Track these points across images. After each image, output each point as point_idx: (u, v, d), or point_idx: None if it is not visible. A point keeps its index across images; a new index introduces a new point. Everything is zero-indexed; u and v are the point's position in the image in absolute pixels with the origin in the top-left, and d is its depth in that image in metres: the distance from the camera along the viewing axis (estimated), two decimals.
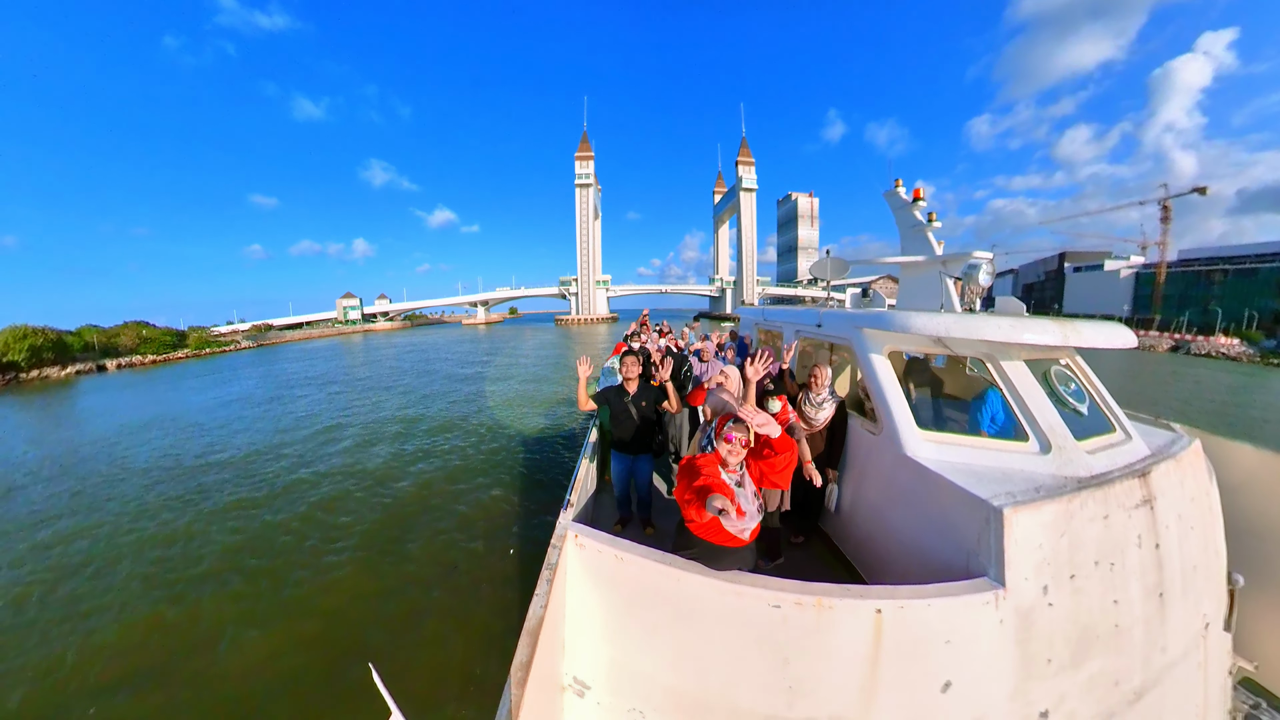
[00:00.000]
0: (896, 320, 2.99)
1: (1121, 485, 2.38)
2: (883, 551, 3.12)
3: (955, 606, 1.98)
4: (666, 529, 4.02)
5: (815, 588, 1.98)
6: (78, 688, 5.01)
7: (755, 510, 2.31)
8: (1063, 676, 2.11)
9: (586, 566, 2.14)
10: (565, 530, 2.17)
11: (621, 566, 2.08)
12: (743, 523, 2.20)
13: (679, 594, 2.02)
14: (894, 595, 1.96)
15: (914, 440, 2.86)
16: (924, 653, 1.95)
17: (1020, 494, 2.27)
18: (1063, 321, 2.68)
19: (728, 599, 1.98)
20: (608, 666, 2.10)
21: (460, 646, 5.41)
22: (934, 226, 5.27)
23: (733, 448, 2.35)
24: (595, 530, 2.23)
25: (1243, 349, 40.25)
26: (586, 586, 2.15)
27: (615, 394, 4.07)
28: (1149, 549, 2.38)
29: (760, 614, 1.94)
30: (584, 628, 2.13)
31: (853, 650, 1.92)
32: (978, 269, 3.61)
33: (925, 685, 1.95)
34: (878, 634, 1.90)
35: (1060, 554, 2.15)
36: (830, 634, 1.92)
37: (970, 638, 1.99)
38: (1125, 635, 2.27)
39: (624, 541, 2.19)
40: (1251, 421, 17.17)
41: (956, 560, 2.34)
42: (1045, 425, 2.67)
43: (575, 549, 2.14)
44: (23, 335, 36.56)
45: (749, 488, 2.37)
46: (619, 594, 2.12)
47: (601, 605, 2.13)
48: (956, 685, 1.95)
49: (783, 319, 5.67)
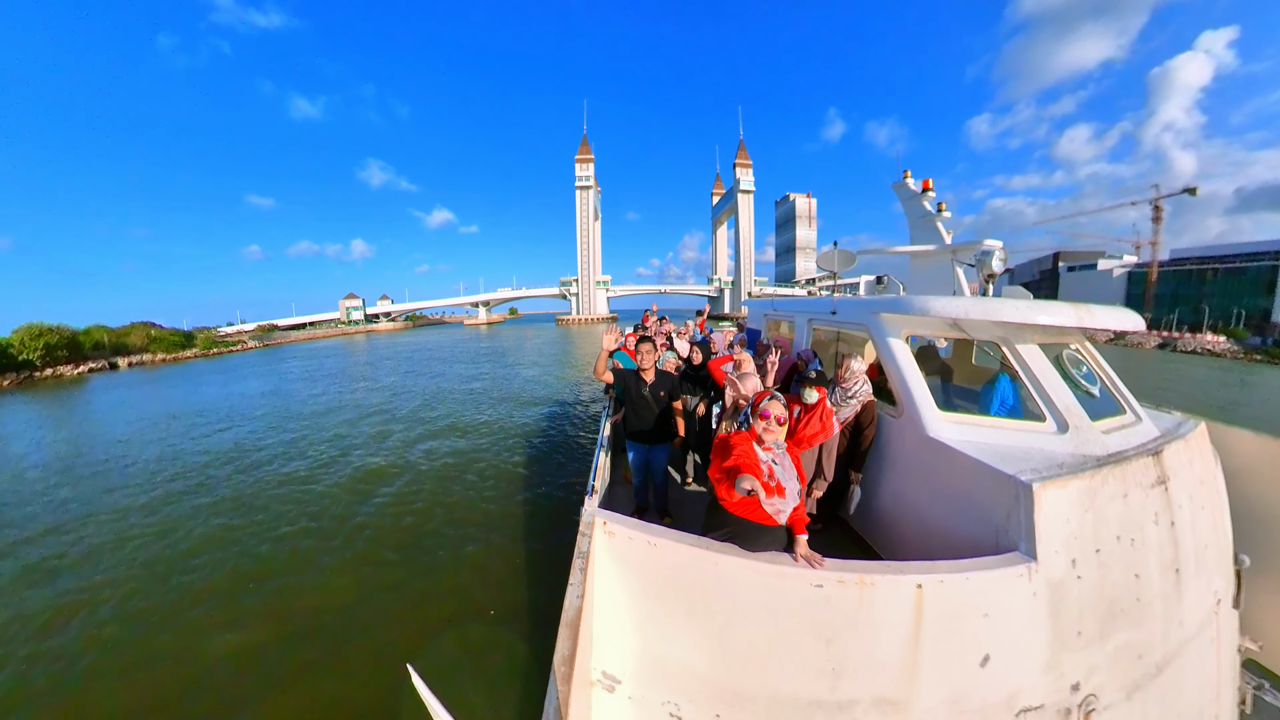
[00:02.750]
0: (915, 304, 3.03)
1: (1138, 464, 2.43)
2: (905, 532, 3.12)
3: (991, 580, 1.99)
4: (682, 518, 4.15)
5: (856, 565, 1.98)
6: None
7: (795, 491, 2.23)
8: (1092, 649, 2.12)
9: (616, 554, 2.08)
10: (593, 517, 2.10)
11: (654, 552, 2.03)
12: (780, 502, 2.13)
13: (716, 578, 1.98)
14: (933, 570, 1.96)
15: (936, 421, 2.88)
16: (963, 626, 1.95)
17: (1044, 470, 2.31)
18: (1076, 304, 2.73)
19: (768, 580, 1.95)
20: (638, 658, 2.03)
21: (477, 638, 5.37)
22: (943, 216, 5.29)
23: (769, 424, 2.31)
24: (624, 516, 2.17)
25: (1227, 345, 41.16)
26: (615, 575, 2.08)
27: (634, 380, 4.02)
28: (1165, 526, 2.43)
29: (802, 595, 1.92)
30: (613, 618, 2.06)
31: (895, 627, 1.91)
32: (990, 255, 3.65)
33: (965, 659, 1.94)
34: (919, 609, 1.90)
35: (1086, 529, 2.18)
36: (872, 612, 1.91)
37: (1006, 610, 2.00)
38: (1147, 609, 2.30)
39: (655, 527, 2.15)
40: (1214, 407, 18.08)
41: (984, 537, 2.36)
42: (1062, 405, 2.71)
43: (604, 536, 2.08)
44: (38, 334, 37.41)
45: (789, 468, 2.30)
46: (651, 581, 2.06)
47: (632, 594, 2.07)
48: (995, 658, 1.95)
49: (794, 308, 5.62)
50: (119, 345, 46.54)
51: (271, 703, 4.59)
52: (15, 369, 35.22)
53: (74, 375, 37.17)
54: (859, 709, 1.91)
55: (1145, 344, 45.50)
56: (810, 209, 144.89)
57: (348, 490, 9.66)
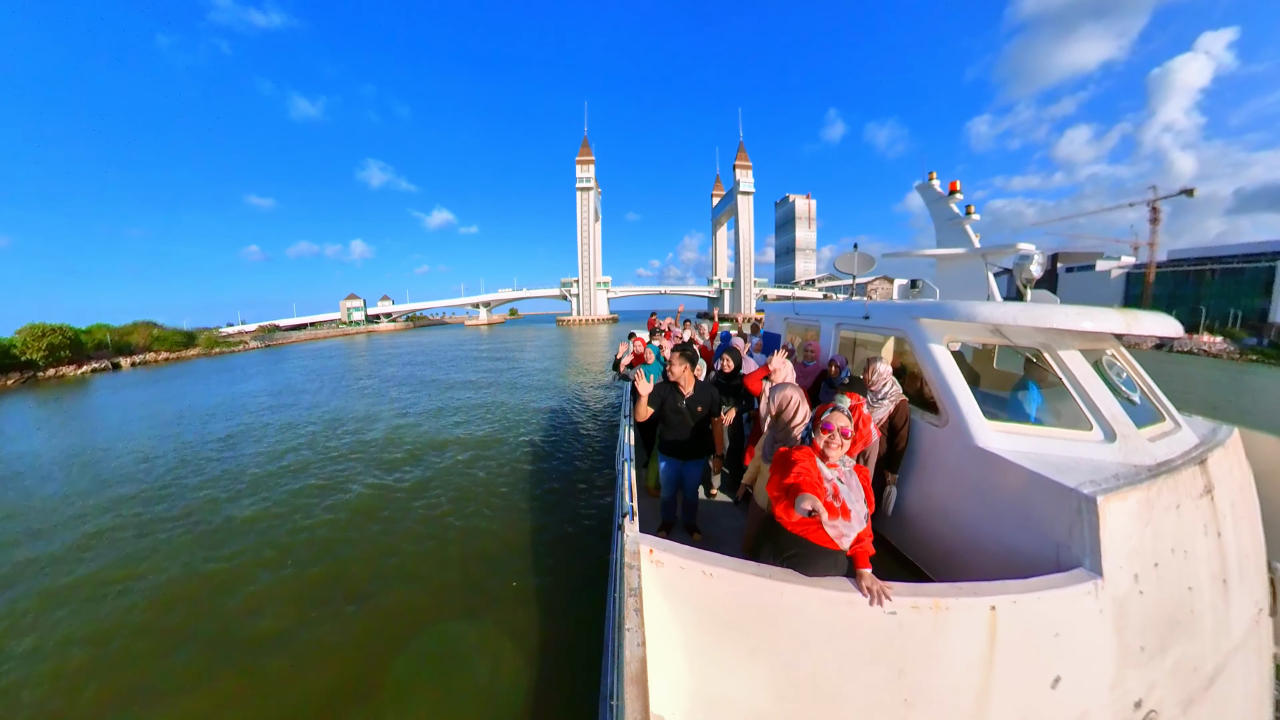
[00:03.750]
0: (961, 309, 2.92)
1: (1186, 473, 2.38)
2: (952, 548, 2.96)
3: (1062, 598, 1.93)
4: (710, 534, 4.02)
5: (930, 588, 1.91)
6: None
7: (861, 515, 2.04)
8: (1153, 664, 2.08)
9: (665, 586, 1.93)
10: (638, 545, 1.95)
11: (710, 583, 1.90)
12: (843, 525, 1.96)
13: (780, 609, 1.86)
14: (1005, 590, 1.90)
15: (984, 431, 2.76)
16: (1035, 648, 1.90)
17: (1103, 482, 2.23)
18: (1123, 311, 2.69)
19: (839, 610, 1.84)
20: (691, 698, 1.90)
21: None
22: (972, 219, 5.13)
23: (831, 438, 2.12)
24: (668, 541, 2.05)
25: (1224, 346, 41.39)
26: (665, 607, 1.94)
27: (670, 392, 3.77)
28: (1213, 537, 2.39)
29: (875, 623, 1.82)
30: (660, 653, 1.88)
31: (968, 652, 1.83)
32: (1030, 260, 3.53)
33: (1036, 682, 1.89)
34: (992, 633, 1.83)
35: (1145, 542, 2.14)
36: (946, 637, 1.82)
37: (1075, 629, 1.94)
38: (1199, 621, 2.26)
39: (707, 554, 2.02)
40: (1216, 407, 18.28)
41: (1043, 553, 2.27)
42: (1108, 414, 2.65)
43: (652, 567, 1.93)
44: (41, 334, 37.59)
45: (856, 488, 2.11)
46: (706, 614, 1.93)
47: (684, 628, 1.93)
48: (1065, 679, 1.90)
49: (820, 312, 5.39)
50: (121, 344, 46.72)
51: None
52: (19, 369, 35.45)
53: (77, 375, 37.35)
54: None
55: (1142, 344, 45.73)
56: (810, 210, 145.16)
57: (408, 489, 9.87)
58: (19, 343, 36.29)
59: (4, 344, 35.79)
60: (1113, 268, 69.26)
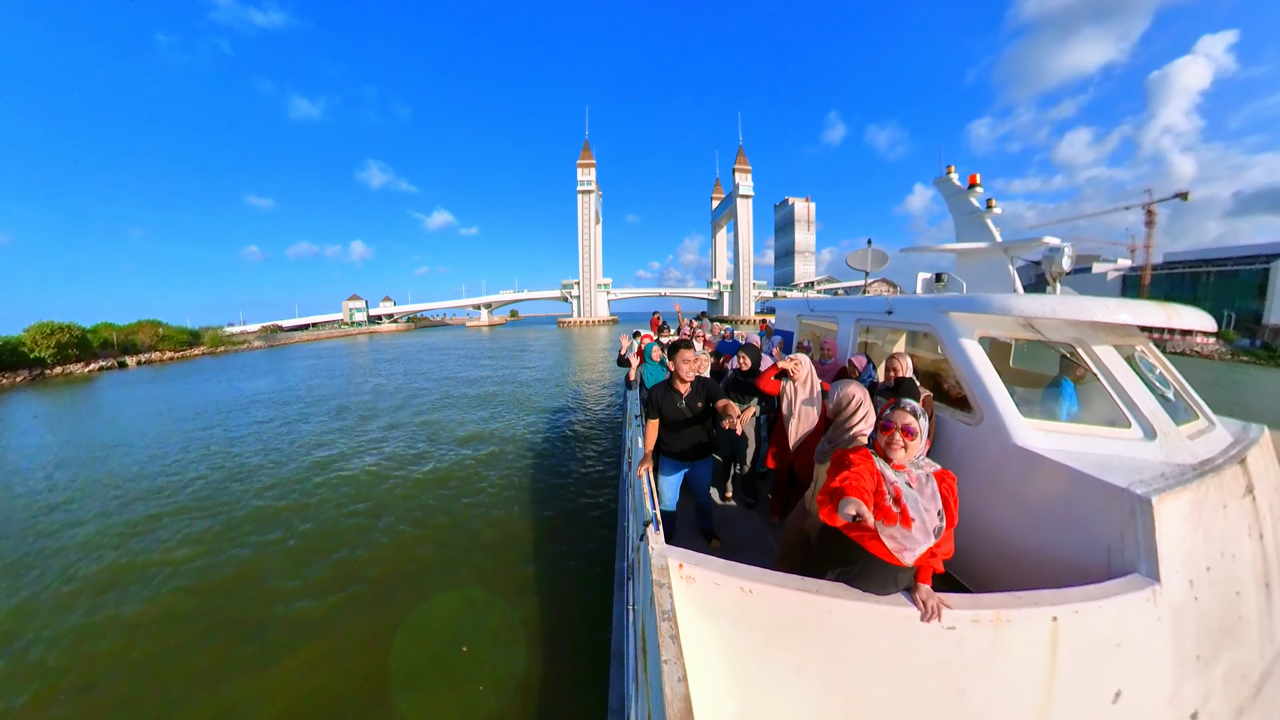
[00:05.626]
0: (995, 302, 2.82)
1: (1229, 472, 2.30)
2: (992, 555, 2.82)
3: (1122, 606, 1.84)
4: (728, 540, 3.84)
5: (988, 599, 1.80)
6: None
7: (931, 528, 1.76)
8: (1207, 673, 1.99)
9: (699, 603, 1.80)
10: (665, 559, 1.82)
11: (750, 600, 1.77)
12: (902, 535, 1.72)
13: (828, 626, 1.74)
14: (1066, 600, 1.81)
15: (1022, 429, 2.64)
16: (1096, 660, 1.79)
17: (1152, 481, 2.12)
18: (1163, 304, 2.60)
19: (894, 626, 1.72)
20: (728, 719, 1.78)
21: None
22: (994, 213, 4.95)
23: (893, 438, 1.90)
24: (705, 556, 1.89)
25: (1215, 347, 41.89)
26: (699, 628, 1.78)
27: (665, 396, 3.55)
28: (1256, 539, 2.32)
29: (933, 640, 1.71)
30: (696, 678, 1.71)
31: (1029, 667, 1.73)
32: (1060, 253, 3.40)
33: (1098, 696, 1.80)
34: (1054, 645, 1.74)
35: (1198, 545, 2.06)
36: (1006, 652, 1.72)
37: (1135, 639, 1.85)
38: (1248, 627, 2.18)
39: (744, 567, 1.87)
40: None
41: (1093, 557, 2.17)
42: (1147, 411, 2.56)
43: (682, 583, 1.79)
44: (49, 332, 38.15)
45: (931, 496, 1.83)
46: (747, 634, 1.79)
47: (722, 648, 1.79)
48: (1126, 693, 1.80)
49: (838, 308, 5.17)
50: (127, 343, 47.25)
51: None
52: (28, 366, 35.98)
53: (84, 373, 37.79)
54: None
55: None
56: (809, 213, 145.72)
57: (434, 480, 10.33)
58: (28, 340, 36.85)
59: (12, 342, 36.35)
60: (1109, 270, 69.70)
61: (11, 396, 25.72)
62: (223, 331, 66.98)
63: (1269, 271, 50.07)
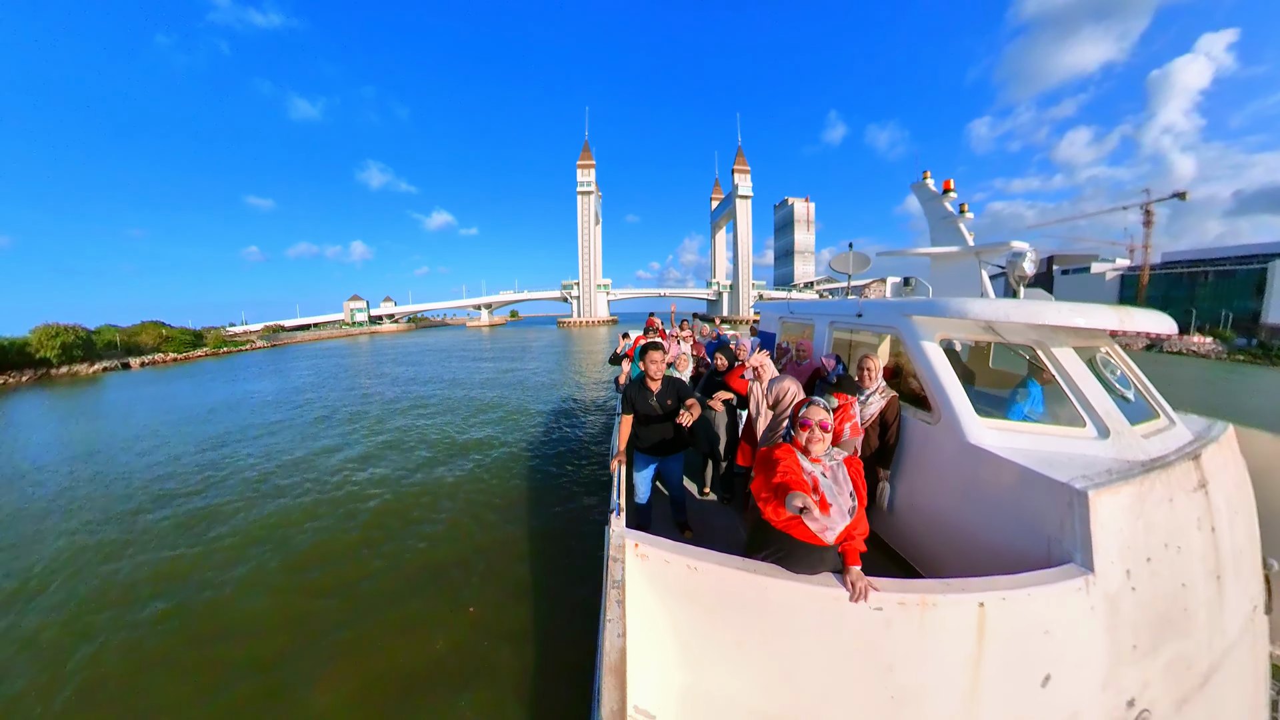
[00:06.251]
0: (952, 306, 2.90)
1: (1180, 468, 2.37)
2: (945, 545, 2.98)
3: (1052, 595, 1.91)
4: (703, 532, 3.98)
5: (917, 584, 1.90)
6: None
7: (846, 508, 2.01)
8: (1146, 662, 2.05)
9: (651, 580, 1.94)
10: (624, 539, 1.96)
11: (696, 577, 1.90)
12: (826, 520, 1.93)
13: (765, 603, 1.87)
14: (994, 586, 1.88)
15: (977, 428, 2.76)
16: (1024, 646, 1.87)
17: (1095, 476, 2.20)
18: (1116, 307, 2.66)
19: (825, 605, 1.83)
20: (679, 692, 1.91)
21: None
22: (965, 218, 5.13)
23: (811, 433, 2.12)
24: (659, 538, 2.03)
25: (1212, 346, 42.16)
26: (651, 603, 1.94)
27: (638, 392, 3.75)
28: (1206, 532, 2.37)
29: (861, 619, 1.81)
30: (649, 650, 1.91)
31: (956, 650, 1.82)
32: (1022, 257, 3.52)
33: (1026, 681, 1.87)
34: (981, 630, 1.81)
35: (1138, 537, 2.11)
36: (934, 634, 1.81)
37: (1066, 626, 1.92)
38: (1193, 618, 2.23)
39: (693, 548, 2.00)
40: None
41: (1034, 548, 2.26)
42: (1101, 410, 2.64)
43: (636, 560, 1.94)
44: (55, 333, 38.52)
45: (842, 481, 2.08)
46: (693, 609, 1.93)
47: (671, 622, 1.94)
48: (1055, 678, 1.88)
49: (814, 311, 5.33)
50: (131, 345, 47.59)
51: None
52: (33, 367, 36.32)
53: (89, 374, 38.12)
54: None
55: (1134, 345, 46.46)
56: (808, 213, 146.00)
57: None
58: (34, 341, 37.20)
59: (18, 343, 36.71)
60: (1107, 270, 69.96)
61: (20, 396, 26.04)
62: (225, 332, 67.33)
63: (1266, 271, 50.33)
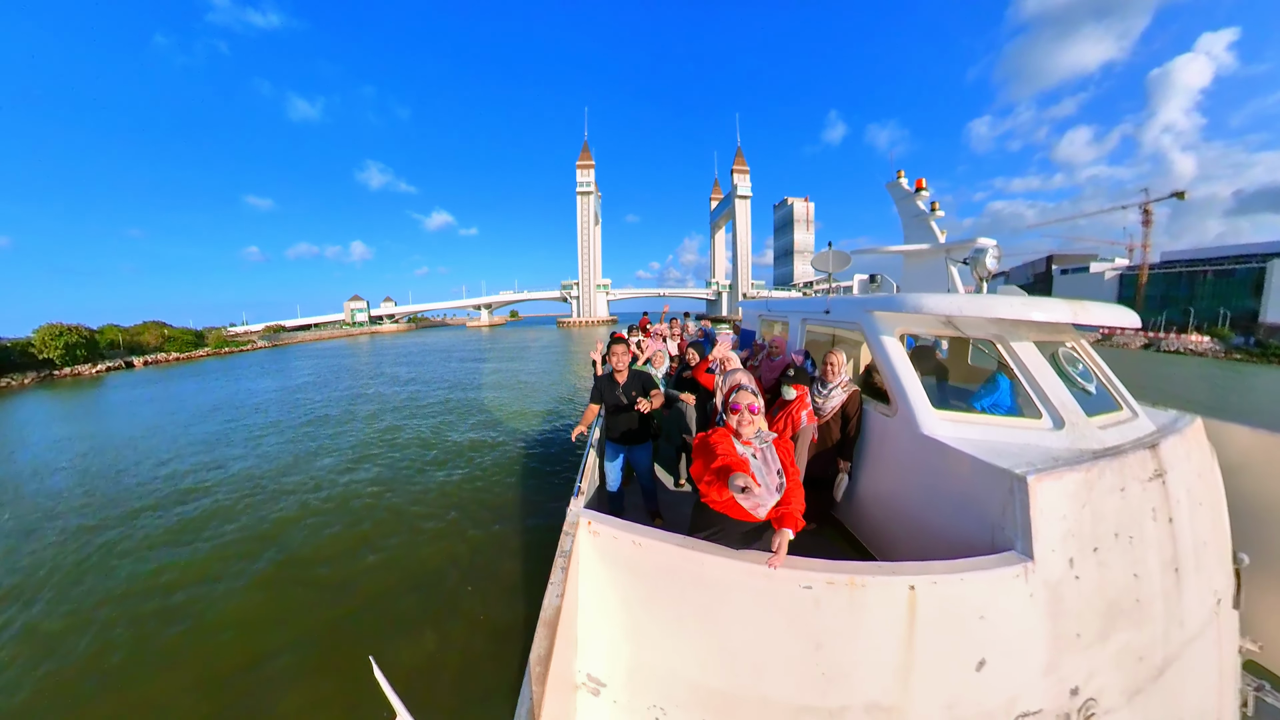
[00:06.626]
0: (909, 301, 2.99)
1: (1134, 457, 2.37)
2: (900, 533, 3.07)
3: (987, 580, 1.94)
4: (674, 520, 4.06)
5: (847, 566, 1.93)
6: None
7: (774, 485, 2.14)
8: (1092, 651, 2.07)
9: (602, 554, 2.05)
10: (578, 517, 2.09)
11: (640, 553, 2.00)
12: (758, 497, 2.04)
13: (702, 579, 1.95)
14: (927, 571, 1.92)
15: (931, 419, 2.83)
16: (958, 630, 1.91)
17: (1040, 464, 2.23)
18: (1071, 300, 2.68)
19: (756, 582, 1.90)
20: (626, 661, 2.01)
21: (465, 642, 5.28)
22: (937, 216, 5.25)
23: (741, 416, 2.25)
24: (610, 517, 2.15)
25: (1209, 345, 42.27)
26: (602, 576, 2.05)
27: (607, 385, 3.97)
28: (1163, 522, 2.36)
29: (791, 596, 1.87)
30: (599, 621, 2.03)
31: (887, 631, 1.87)
32: (984, 253, 3.59)
33: (960, 664, 1.91)
34: (912, 612, 1.86)
35: (1084, 525, 2.12)
36: (864, 614, 1.86)
37: (1003, 612, 1.95)
38: (1147, 609, 2.24)
39: (641, 526, 2.10)
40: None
41: (980, 536, 2.31)
42: (1057, 401, 2.67)
43: (589, 536, 2.05)
44: (58, 334, 38.76)
45: (770, 460, 2.22)
46: (638, 583, 2.03)
47: (619, 596, 2.05)
48: (991, 662, 1.91)
49: (788, 308, 5.55)
50: (133, 344, 47.85)
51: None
52: (36, 367, 36.55)
53: (93, 374, 38.32)
54: (851, 715, 1.87)
55: (1131, 344, 46.61)
56: (808, 213, 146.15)
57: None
58: (37, 342, 37.44)
59: (21, 343, 36.95)
60: (1106, 269, 70.08)
61: (27, 396, 26.24)
62: (226, 332, 67.63)
63: (1265, 270, 50.41)
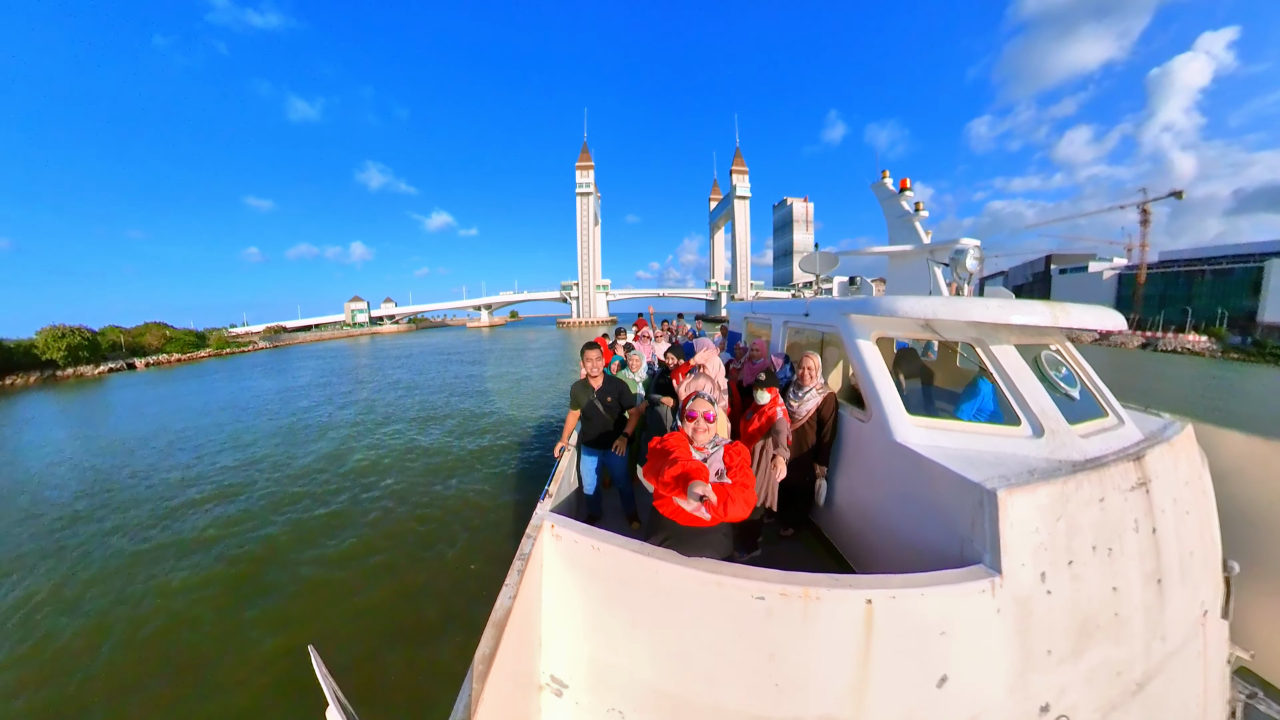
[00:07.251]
0: (884, 305, 2.93)
1: (1116, 468, 2.31)
2: (874, 541, 3.01)
3: (950, 595, 1.89)
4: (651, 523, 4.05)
5: (801, 577, 1.90)
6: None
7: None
8: (1064, 668, 2.02)
9: (564, 558, 2.06)
10: (542, 520, 2.11)
11: (599, 557, 2.01)
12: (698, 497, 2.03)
13: (658, 585, 1.94)
14: (885, 585, 1.87)
15: (904, 426, 2.77)
16: (918, 645, 1.86)
17: (1013, 476, 2.18)
18: (1051, 303, 2.64)
19: (709, 590, 1.89)
20: (587, 664, 2.02)
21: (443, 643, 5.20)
22: (921, 216, 5.19)
23: (697, 424, 2.27)
24: (573, 521, 2.16)
25: (1206, 344, 42.40)
26: (565, 579, 2.06)
27: (582, 390, 4.01)
28: (1146, 534, 2.30)
29: (743, 606, 1.85)
30: (562, 623, 2.04)
31: (842, 644, 1.83)
32: (965, 254, 3.53)
33: (920, 680, 1.86)
34: (868, 626, 1.82)
35: (1058, 539, 2.06)
36: (818, 627, 1.83)
37: (967, 628, 1.90)
38: (1125, 624, 2.18)
39: (601, 531, 2.10)
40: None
41: (950, 548, 2.25)
42: (1037, 408, 2.60)
43: (552, 540, 2.07)
44: (61, 335, 38.96)
45: (715, 465, 2.26)
46: (597, 586, 2.03)
47: (580, 599, 2.05)
48: (953, 679, 1.86)
49: (771, 311, 5.56)
50: (135, 346, 48.01)
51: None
52: (39, 368, 36.73)
53: (95, 375, 38.47)
54: None
55: (1128, 344, 46.76)
56: (807, 213, 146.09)
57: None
58: (40, 343, 37.62)
59: (24, 344, 37.13)
60: (1105, 269, 70.20)
61: (27, 398, 26.42)
62: (228, 333, 67.83)
63: (1263, 270, 50.50)
